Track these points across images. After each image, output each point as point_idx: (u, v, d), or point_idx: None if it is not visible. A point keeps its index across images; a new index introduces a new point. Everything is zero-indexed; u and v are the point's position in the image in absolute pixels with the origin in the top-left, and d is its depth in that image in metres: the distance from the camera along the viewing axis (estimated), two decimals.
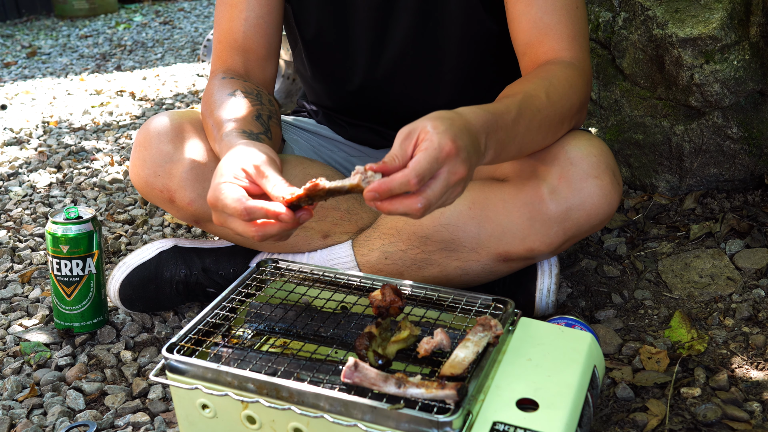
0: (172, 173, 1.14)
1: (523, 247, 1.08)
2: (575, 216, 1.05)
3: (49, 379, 1.15)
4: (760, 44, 1.46)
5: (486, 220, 1.08)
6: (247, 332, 0.96)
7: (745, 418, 0.96)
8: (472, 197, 1.10)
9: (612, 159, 1.07)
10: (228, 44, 1.22)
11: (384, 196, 0.81)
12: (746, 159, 1.53)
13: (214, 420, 0.86)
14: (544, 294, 1.17)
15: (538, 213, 1.05)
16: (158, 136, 1.15)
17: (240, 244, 1.25)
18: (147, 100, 2.87)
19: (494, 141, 0.92)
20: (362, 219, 1.21)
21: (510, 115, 0.95)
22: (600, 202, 1.04)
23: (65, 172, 2.09)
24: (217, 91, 1.15)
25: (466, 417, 0.76)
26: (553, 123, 1.03)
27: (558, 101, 1.02)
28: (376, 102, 1.30)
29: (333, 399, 0.78)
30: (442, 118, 0.85)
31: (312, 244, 1.21)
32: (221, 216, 0.91)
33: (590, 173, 1.04)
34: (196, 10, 5.11)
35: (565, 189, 1.04)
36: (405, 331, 0.87)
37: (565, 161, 1.04)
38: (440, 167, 0.82)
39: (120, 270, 1.26)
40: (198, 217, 1.17)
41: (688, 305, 1.24)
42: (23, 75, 3.46)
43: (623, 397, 1.03)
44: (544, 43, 1.09)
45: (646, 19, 1.53)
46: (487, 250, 1.09)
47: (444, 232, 1.10)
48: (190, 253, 1.28)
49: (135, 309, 1.29)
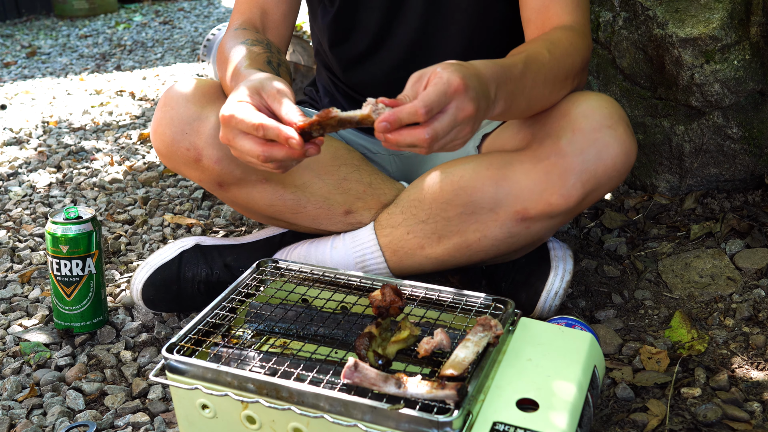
0: (199, 131, 1.13)
1: (542, 202, 1.07)
2: (592, 167, 1.04)
3: (49, 379, 1.15)
4: (761, 44, 1.46)
5: (503, 178, 1.08)
6: (247, 332, 0.96)
7: (745, 418, 0.96)
8: (490, 159, 1.11)
9: (624, 113, 1.08)
10: None
11: (394, 125, 0.83)
12: (746, 159, 1.53)
13: (214, 420, 0.86)
14: (550, 296, 1.17)
15: (554, 166, 1.05)
16: (185, 96, 1.16)
17: (264, 215, 1.25)
18: (147, 100, 2.87)
19: (504, 92, 0.95)
20: (384, 194, 1.21)
21: (517, 69, 0.99)
22: (616, 152, 1.04)
23: (65, 172, 2.09)
24: (230, 40, 1.18)
25: (466, 417, 0.76)
26: (558, 78, 1.06)
27: (560, 57, 1.06)
28: (385, 78, 1.32)
29: (333, 399, 0.78)
30: (453, 63, 0.89)
31: (333, 219, 1.21)
32: (231, 132, 0.92)
33: (604, 123, 1.04)
34: (196, 10, 5.11)
35: (580, 141, 1.04)
36: (405, 331, 0.87)
37: (577, 115, 1.05)
38: (448, 102, 0.85)
39: (143, 270, 1.26)
40: (222, 179, 1.16)
41: (689, 305, 1.24)
42: (23, 75, 3.46)
43: (623, 397, 1.03)
44: (550, 8, 1.13)
45: (647, 19, 1.53)
46: (505, 209, 1.09)
47: (463, 195, 1.10)
48: (212, 251, 1.27)
49: (158, 309, 1.28)
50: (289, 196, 1.18)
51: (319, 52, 1.41)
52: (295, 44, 2.13)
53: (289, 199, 1.18)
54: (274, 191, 1.18)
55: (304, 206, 1.19)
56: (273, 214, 1.22)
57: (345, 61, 1.34)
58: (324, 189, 1.19)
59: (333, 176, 1.19)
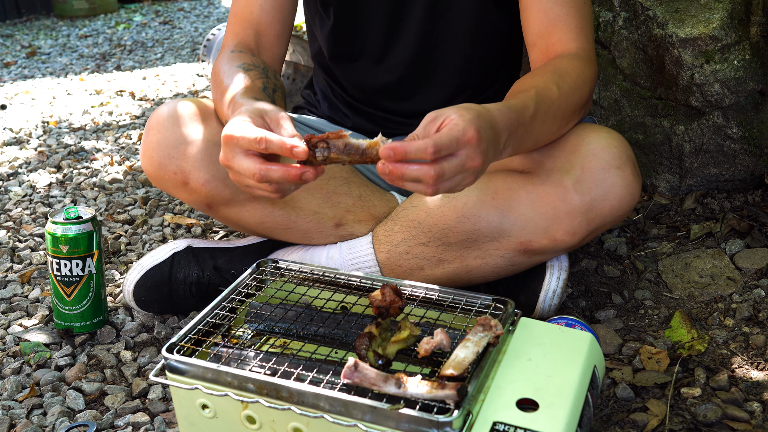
0: (186, 154, 1.14)
1: (547, 237, 1.08)
2: (599, 207, 1.05)
3: (49, 379, 1.15)
4: (761, 44, 1.46)
5: (509, 210, 1.08)
6: (247, 332, 0.96)
7: (745, 418, 0.96)
8: (495, 187, 1.10)
9: (631, 151, 1.09)
10: (242, 18, 1.25)
11: (398, 156, 0.82)
12: (746, 159, 1.53)
13: (214, 420, 0.86)
14: (548, 296, 1.17)
15: (562, 203, 1.05)
16: (171, 119, 1.16)
17: (255, 232, 1.25)
18: (147, 100, 2.87)
19: (514, 139, 0.95)
20: (374, 206, 1.21)
21: (528, 112, 0.98)
22: (623, 193, 1.05)
23: (65, 172, 2.09)
24: (225, 63, 1.18)
25: (466, 417, 0.76)
26: (566, 114, 1.06)
27: (569, 92, 1.05)
28: (383, 88, 1.32)
29: (333, 399, 0.78)
30: (470, 108, 0.88)
31: (324, 233, 1.21)
32: (231, 152, 0.91)
33: (612, 164, 1.05)
34: (196, 10, 5.11)
35: (588, 180, 1.05)
36: (405, 331, 0.87)
37: (587, 153, 1.06)
38: (459, 149, 0.84)
39: (134, 272, 1.26)
40: (211, 200, 1.17)
41: (689, 305, 1.24)
42: (23, 75, 3.46)
43: (623, 397, 1.03)
44: (554, 33, 1.12)
45: (647, 19, 1.53)
46: (509, 240, 1.09)
47: (466, 222, 1.10)
48: (203, 253, 1.28)
49: (150, 310, 1.28)
50: (278, 212, 1.19)
51: (317, 56, 1.41)
52: (295, 44, 2.13)
53: (278, 216, 1.19)
54: (263, 209, 1.18)
55: (294, 221, 1.20)
56: (263, 232, 1.23)
57: (344, 73, 1.34)
58: (313, 203, 1.19)
59: (322, 190, 1.19)
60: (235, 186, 1.14)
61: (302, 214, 1.19)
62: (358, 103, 1.36)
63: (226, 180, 1.14)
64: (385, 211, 1.22)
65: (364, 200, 1.21)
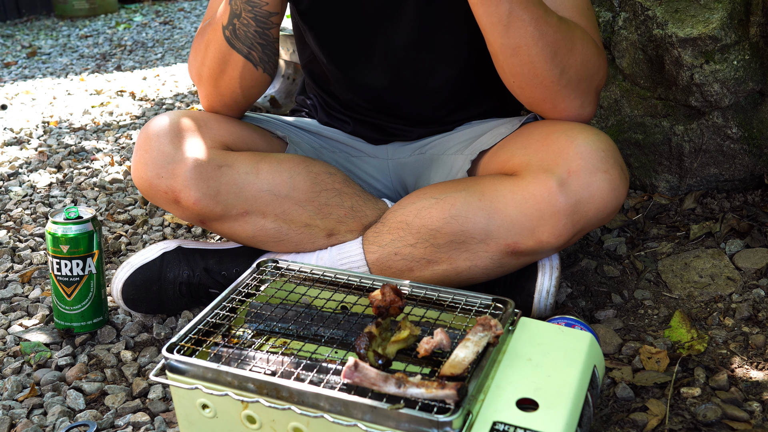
0: (175, 173, 1.14)
1: (533, 239, 1.08)
2: (584, 209, 1.06)
3: (49, 379, 1.15)
4: (760, 44, 1.46)
5: (496, 211, 1.08)
6: (247, 332, 0.96)
7: (745, 418, 0.96)
8: (482, 189, 1.10)
9: (619, 154, 1.09)
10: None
11: None
12: (746, 159, 1.53)
13: (214, 420, 0.86)
14: (542, 296, 1.17)
15: (547, 205, 1.05)
16: (158, 137, 1.16)
17: (247, 245, 1.25)
18: (147, 100, 2.87)
19: None
20: (366, 216, 1.21)
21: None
22: (609, 197, 1.06)
23: (65, 172, 2.10)
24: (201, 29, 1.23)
25: (466, 417, 0.76)
26: (560, 47, 1.07)
27: (583, 49, 1.09)
28: (377, 93, 1.32)
29: (333, 399, 0.78)
30: None
31: (316, 243, 1.21)
32: None
33: (599, 167, 1.05)
34: (196, 10, 5.11)
35: (574, 182, 1.05)
36: (405, 331, 0.87)
37: (574, 155, 1.05)
38: None
39: (123, 270, 1.26)
40: (203, 217, 1.17)
41: (688, 305, 1.25)
42: (23, 75, 3.46)
43: (623, 397, 1.03)
44: None
45: (646, 19, 1.53)
46: (496, 241, 1.09)
47: (454, 223, 1.10)
48: (194, 254, 1.28)
49: (138, 310, 1.28)
50: (270, 226, 1.19)
51: (309, 65, 1.40)
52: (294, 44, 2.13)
53: (270, 229, 1.19)
54: (254, 223, 1.18)
55: (285, 234, 1.20)
56: (256, 244, 1.23)
57: (336, 81, 1.35)
58: (304, 216, 1.19)
59: (313, 203, 1.19)
60: (226, 202, 1.15)
61: (294, 226, 1.19)
62: (351, 112, 1.37)
63: (217, 197, 1.15)
64: (377, 219, 1.22)
65: (356, 210, 1.21)
